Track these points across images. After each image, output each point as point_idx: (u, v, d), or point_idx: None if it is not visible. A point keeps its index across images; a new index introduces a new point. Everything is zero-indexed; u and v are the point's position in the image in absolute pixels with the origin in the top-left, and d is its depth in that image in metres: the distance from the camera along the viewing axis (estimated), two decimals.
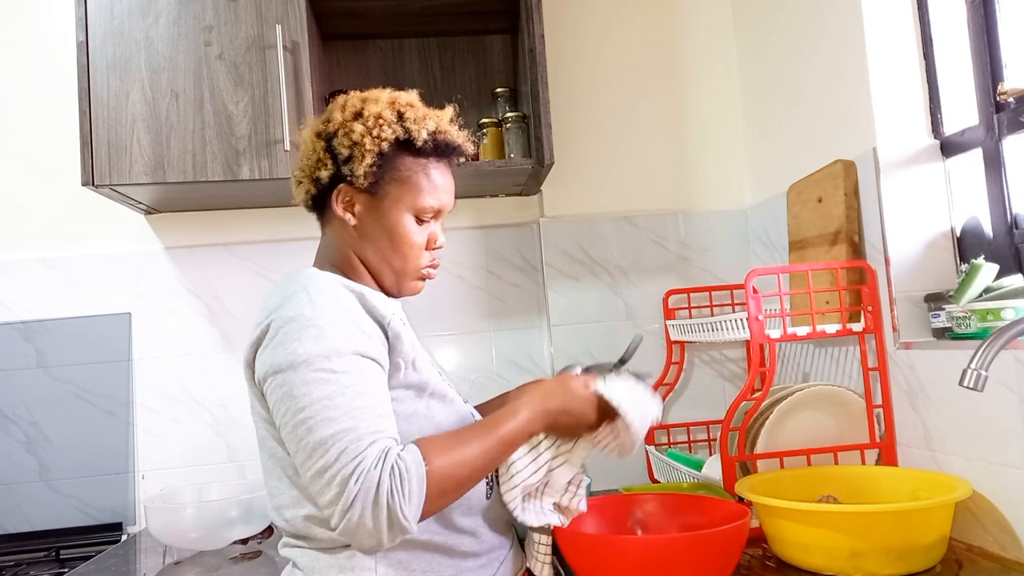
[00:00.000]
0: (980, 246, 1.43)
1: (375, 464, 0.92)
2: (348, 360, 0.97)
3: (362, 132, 1.10)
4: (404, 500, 0.91)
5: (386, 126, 1.10)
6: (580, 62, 2.12)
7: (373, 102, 1.13)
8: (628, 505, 1.36)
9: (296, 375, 0.95)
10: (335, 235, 1.17)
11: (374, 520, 0.90)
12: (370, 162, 1.09)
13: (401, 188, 1.12)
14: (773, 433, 1.48)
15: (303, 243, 2.10)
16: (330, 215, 1.16)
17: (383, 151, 1.10)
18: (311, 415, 0.94)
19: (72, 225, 2.01)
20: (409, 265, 1.15)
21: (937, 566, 1.18)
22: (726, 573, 1.14)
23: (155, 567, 1.59)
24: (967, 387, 1.02)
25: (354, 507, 0.90)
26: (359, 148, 1.09)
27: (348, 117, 1.12)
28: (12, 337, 1.95)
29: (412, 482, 0.92)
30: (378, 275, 1.16)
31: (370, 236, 1.13)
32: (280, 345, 0.98)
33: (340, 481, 0.91)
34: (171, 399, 1.99)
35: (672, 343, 1.97)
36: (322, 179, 1.13)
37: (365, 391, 0.97)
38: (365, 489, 0.90)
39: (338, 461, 0.91)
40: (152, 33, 1.71)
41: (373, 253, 1.14)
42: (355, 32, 2.05)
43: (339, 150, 1.11)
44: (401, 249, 1.14)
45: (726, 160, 2.13)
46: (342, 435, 0.93)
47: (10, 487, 1.91)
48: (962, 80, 1.46)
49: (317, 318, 0.98)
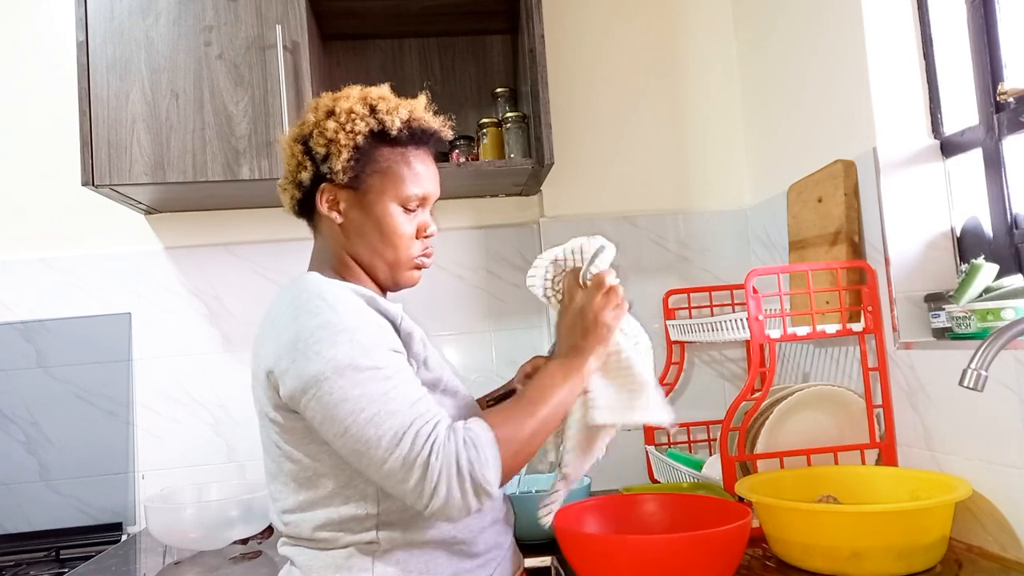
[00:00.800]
0: (980, 246, 1.43)
1: (448, 439, 0.96)
2: (387, 356, 1.00)
3: (335, 128, 1.11)
4: (484, 465, 0.95)
5: (358, 119, 1.11)
6: (580, 62, 2.12)
7: (344, 99, 1.14)
8: (628, 505, 1.36)
9: (344, 379, 0.96)
10: (326, 238, 1.17)
11: (461, 491, 0.95)
12: (347, 156, 1.10)
13: (383, 179, 1.13)
14: (773, 433, 1.48)
15: (303, 243, 2.08)
16: (318, 218, 1.17)
17: (358, 144, 1.11)
18: (376, 412, 0.96)
19: (72, 225, 2.01)
20: (401, 255, 1.15)
21: (937, 566, 1.18)
22: (728, 573, 1.14)
23: (155, 567, 1.59)
24: (967, 387, 1.02)
25: (440, 484, 0.94)
26: (335, 144, 1.10)
27: (321, 116, 1.13)
28: (12, 337, 1.95)
29: (486, 448, 0.96)
30: (372, 270, 1.16)
31: (359, 232, 1.14)
32: (316, 355, 0.97)
33: (421, 464, 0.94)
34: (171, 399, 1.99)
35: (672, 343, 1.97)
36: (304, 181, 1.13)
37: (412, 381, 1.01)
38: (447, 465, 0.94)
39: (414, 446, 0.95)
40: (152, 33, 1.71)
41: (364, 248, 1.14)
42: (355, 32, 2.05)
43: (316, 150, 1.12)
44: (391, 240, 1.14)
45: (726, 160, 2.14)
46: (412, 423, 0.96)
47: (10, 487, 1.91)
48: (962, 80, 1.46)
49: (345, 323, 0.99)
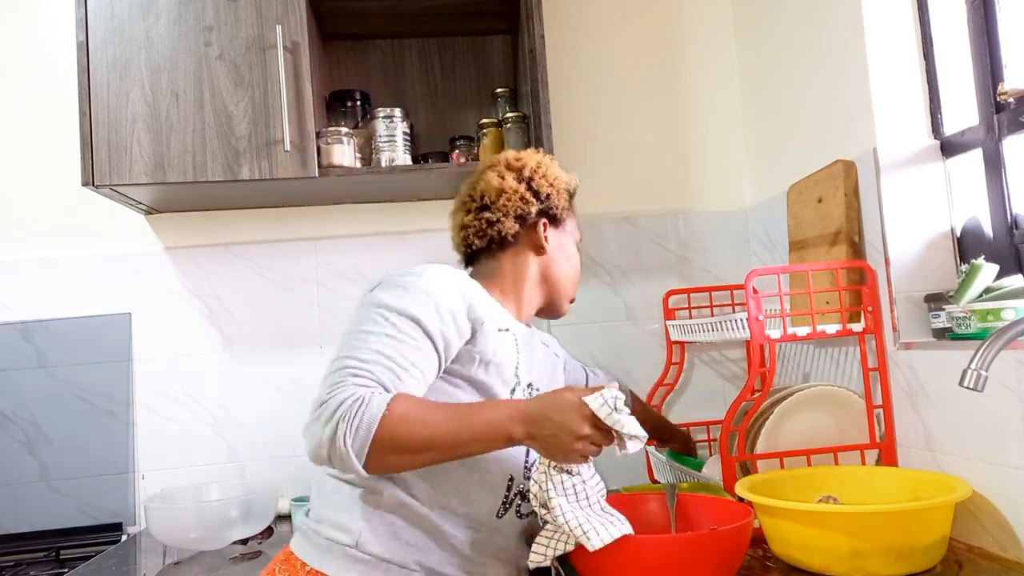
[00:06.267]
0: (980, 246, 1.43)
1: (350, 392, 1.02)
2: (404, 321, 1.11)
3: (555, 175, 1.34)
4: (349, 429, 0.99)
5: (560, 172, 1.36)
6: (580, 62, 2.12)
7: (530, 157, 1.36)
8: (629, 505, 1.35)
9: (366, 310, 1.13)
10: (517, 264, 1.32)
11: (322, 431, 1.00)
12: (565, 199, 1.35)
13: (571, 223, 1.39)
14: (773, 433, 1.48)
15: (303, 243, 2.12)
16: (517, 247, 1.32)
17: (570, 192, 1.37)
18: (351, 338, 1.10)
19: (72, 225, 2.01)
20: (576, 286, 1.39)
21: (937, 566, 1.18)
22: (730, 573, 1.13)
23: (155, 567, 1.59)
24: (967, 387, 1.02)
25: (319, 415, 1.02)
26: (555, 188, 1.33)
27: (533, 164, 1.34)
28: (12, 337, 1.95)
29: (364, 417, 1.00)
30: (550, 295, 1.35)
31: (555, 262, 1.34)
32: (377, 290, 1.16)
33: (325, 390, 1.03)
34: (171, 399, 1.99)
35: (672, 343, 1.97)
36: (531, 215, 1.31)
37: (396, 347, 1.09)
38: (332, 404, 1.01)
39: (334, 375, 1.05)
40: (152, 33, 1.71)
41: (554, 276, 1.34)
42: (355, 32, 2.05)
43: (542, 190, 1.31)
44: (574, 272, 1.38)
45: (726, 160, 2.14)
46: (351, 361, 1.06)
47: (10, 487, 1.91)
48: (962, 80, 1.46)
49: (410, 285, 1.14)
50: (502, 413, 1.05)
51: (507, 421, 1.05)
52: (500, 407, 1.07)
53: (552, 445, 1.03)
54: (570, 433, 1.02)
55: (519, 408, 1.06)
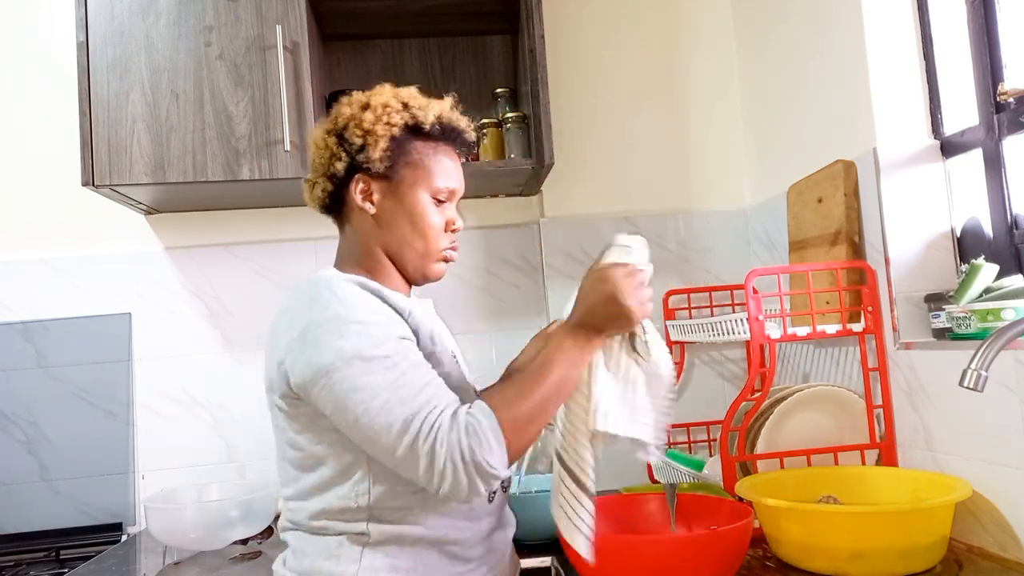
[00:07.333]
0: (980, 246, 1.43)
1: (450, 428, 0.98)
2: (396, 344, 1.03)
3: (372, 120, 1.13)
4: (487, 451, 0.97)
5: (394, 112, 1.14)
6: (580, 62, 2.12)
7: (378, 95, 1.17)
8: (629, 505, 1.36)
9: (353, 369, 1.00)
10: (355, 231, 1.19)
11: (467, 477, 0.97)
12: (384, 146, 1.13)
13: (416, 171, 1.16)
14: (773, 433, 1.48)
15: (303, 243, 2.12)
16: (347, 211, 1.19)
17: (394, 135, 1.14)
18: (385, 400, 0.99)
19: (72, 225, 2.01)
20: (431, 246, 1.17)
21: (937, 566, 1.18)
22: (730, 573, 1.14)
23: (155, 567, 1.59)
24: (967, 387, 1.02)
25: (446, 471, 0.97)
26: (371, 135, 1.13)
27: (356, 109, 1.15)
28: (12, 337, 1.95)
29: (487, 433, 0.98)
30: (401, 261, 1.18)
31: (390, 222, 1.16)
32: (325, 346, 1.01)
33: (427, 452, 0.97)
34: (171, 399, 1.99)
35: (672, 343, 1.97)
36: (338, 172, 1.15)
37: (421, 367, 1.04)
38: (450, 453, 0.97)
39: (419, 434, 0.97)
40: (152, 33, 1.71)
41: (395, 239, 1.16)
42: (355, 32, 2.05)
43: (352, 140, 1.14)
44: (422, 230, 1.16)
45: (726, 160, 2.13)
46: (419, 412, 0.99)
47: (10, 487, 1.91)
48: (962, 80, 1.46)
49: (353, 315, 1.03)
50: (563, 341, 1.08)
51: (573, 344, 1.08)
52: (553, 339, 1.09)
53: (619, 316, 1.08)
54: (617, 296, 1.07)
55: (570, 324, 1.10)
